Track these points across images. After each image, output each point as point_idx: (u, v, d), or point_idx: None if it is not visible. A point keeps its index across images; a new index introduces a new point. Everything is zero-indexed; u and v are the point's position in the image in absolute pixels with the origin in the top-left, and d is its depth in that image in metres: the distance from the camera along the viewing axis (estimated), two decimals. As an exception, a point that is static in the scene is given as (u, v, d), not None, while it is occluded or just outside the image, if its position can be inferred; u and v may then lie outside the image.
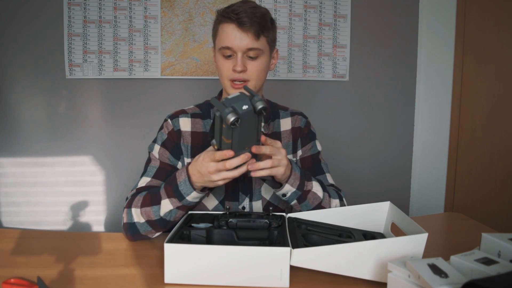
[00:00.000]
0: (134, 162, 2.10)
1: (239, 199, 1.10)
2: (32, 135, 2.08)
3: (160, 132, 1.12)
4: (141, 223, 0.97)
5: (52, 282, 0.77)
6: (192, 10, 2.07)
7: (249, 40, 1.01)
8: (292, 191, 0.98)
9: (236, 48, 1.02)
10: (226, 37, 1.02)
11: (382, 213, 0.97)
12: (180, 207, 0.94)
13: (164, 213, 0.95)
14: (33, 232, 1.09)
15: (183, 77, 2.10)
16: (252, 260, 0.76)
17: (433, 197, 2.25)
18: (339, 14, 2.13)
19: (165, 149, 1.09)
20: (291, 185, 0.97)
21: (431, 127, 2.23)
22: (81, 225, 2.13)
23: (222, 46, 1.03)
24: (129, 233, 0.99)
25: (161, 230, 0.99)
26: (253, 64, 1.04)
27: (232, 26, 1.01)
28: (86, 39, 2.05)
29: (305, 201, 1.00)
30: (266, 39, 1.05)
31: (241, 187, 1.10)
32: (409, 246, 0.76)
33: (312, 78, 2.15)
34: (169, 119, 1.12)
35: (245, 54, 1.03)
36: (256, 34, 1.01)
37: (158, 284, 0.78)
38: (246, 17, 0.99)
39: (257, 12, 1.02)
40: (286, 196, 0.99)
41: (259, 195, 1.11)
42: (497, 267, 0.65)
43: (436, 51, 2.17)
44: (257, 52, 1.03)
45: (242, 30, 1.00)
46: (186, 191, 0.92)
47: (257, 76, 1.05)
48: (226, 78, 1.05)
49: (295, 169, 0.98)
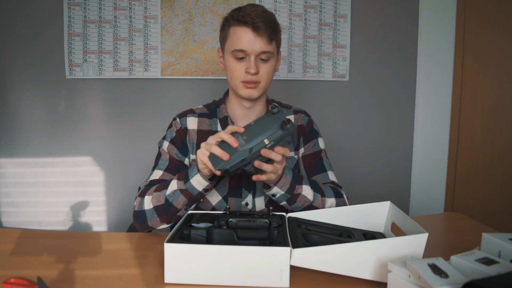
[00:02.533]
0: (135, 162, 2.11)
1: (242, 195, 1.13)
2: (32, 135, 2.08)
3: (169, 130, 1.17)
4: (149, 209, 1.01)
5: (52, 282, 0.77)
6: (192, 10, 2.07)
7: (263, 44, 1.04)
8: (281, 193, 1.01)
9: (250, 51, 1.05)
10: (239, 40, 1.05)
11: (382, 213, 0.97)
12: (183, 191, 0.97)
13: (169, 193, 0.98)
14: (33, 232, 1.09)
15: (183, 77, 2.10)
16: (252, 260, 0.76)
17: (433, 197, 2.25)
18: (339, 14, 2.13)
19: (173, 146, 1.14)
20: (280, 188, 1.00)
21: (431, 127, 2.23)
22: (81, 226, 2.13)
23: (236, 49, 1.05)
24: (137, 221, 1.03)
25: (165, 218, 1.01)
26: (265, 66, 1.08)
27: (246, 29, 1.04)
28: (86, 39, 2.05)
29: (294, 203, 1.04)
30: (276, 43, 1.09)
31: (244, 183, 1.13)
32: (409, 246, 0.76)
33: (312, 78, 2.15)
34: (178, 117, 1.18)
35: (258, 56, 1.06)
36: (269, 38, 1.05)
37: (158, 284, 0.78)
38: (261, 22, 1.03)
39: (268, 17, 1.06)
40: (275, 196, 1.03)
41: (262, 191, 1.14)
42: (497, 267, 0.65)
43: (436, 51, 2.17)
44: (269, 55, 1.07)
45: (257, 34, 1.03)
46: (192, 173, 0.96)
47: (267, 78, 1.09)
48: (238, 79, 1.09)
49: (287, 173, 1.01)
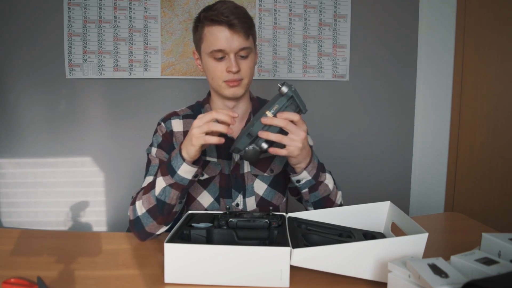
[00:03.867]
0: (135, 162, 2.11)
1: (232, 196, 1.12)
2: (32, 135, 2.08)
3: (155, 135, 1.14)
4: (143, 214, 0.97)
5: (52, 282, 0.77)
6: (192, 10, 2.07)
7: (241, 40, 1.02)
8: (308, 179, 1.00)
9: (228, 50, 1.02)
10: (216, 40, 1.02)
11: (383, 213, 0.97)
12: (173, 185, 0.94)
13: (159, 192, 0.95)
14: (33, 232, 1.09)
15: (183, 77, 2.10)
16: (252, 260, 0.76)
17: (433, 197, 2.25)
18: (339, 14, 2.13)
19: (161, 150, 1.11)
20: (308, 172, 0.99)
21: (431, 127, 2.23)
22: (81, 226, 2.13)
23: (214, 49, 1.03)
24: (135, 229, 1.00)
25: (162, 219, 0.97)
26: (245, 62, 1.06)
27: (222, 28, 1.01)
28: (86, 39, 2.05)
29: (316, 191, 1.02)
30: (252, 37, 1.07)
31: (234, 184, 1.12)
32: (409, 246, 0.76)
33: (312, 78, 2.15)
34: (162, 122, 1.16)
35: (237, 54, 1.04)
36: (246, 34, 1.03)
37: (158, 284, 0.78)
38: (235, 18, 1.00)
39: (242, 12, 1.04)
40: (300, 182, 1.01)
41: (252, 191, 1.13)
42: (497, 267, 0.65)
43: (436, 51, 2.17)
44: (248, 50, 1.05)
45: (233, 31, 1.01)
46: (176, 163, 0.93)
47: (249, 73, 1.08)
48: (220, 79, 1.06)
49: (314, 158, 1.00)
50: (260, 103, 1.21)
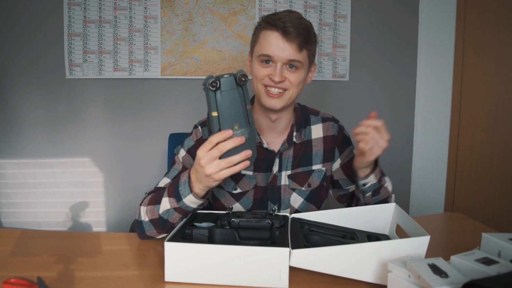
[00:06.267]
0: (134, 162, 2.11)
1: (267, 208, 1.10)
2: (32, 135, 2.08)
3: (188, 138, 1.10)
4: (146, 221, 0.96)
5: (52, 282, 0.77)
6: (192, 10, 2.06)
7: (292, 51, 0.97)
8: (373, 182, 1.00)
9: (277, 58, 0.98)
10: (267, 44, 0.98)
11: (388, 215, 0.96)
12: (177, 209, 0.91)
13: (163, 211, 0.93)
14: (33, 232, 1.09)
15: (183, 77, 2.10)
16: (252, 260, 0.75)
17: (433, 197, 2.25)
18: (339, 14, 2.13)
19: (189, 156, 1.07)
20: (375, 176, 0.99)
21: (431, 127, 2.22)
22: (81, 226, 2.13)
23: (262, 53, 0.99)
24: (138, 231, 0.99)
25: (161, 231, 0.97)
26: (292, 75, 1.00)
27: (276, 34, 0.97)
28: (86, 39, 2.05)
29: (378, 195, 1.03)
30: (307, 53, 1.01)
31: (270, 196, 1.10)
32: (411, 248, 0.75)
33: (312, 78, 2.14)
34: (199, 126, 1.10)
35: (285, 64, 0.99)
36: (300, 46, 0.98)
37: (158, 284, 0.78)
38: (292, 27, 0.96)
39: (303, 24, 0.99)
40: (365, 185, 1.01)
41: (288, 204, 1.11)
42: (497, 267, 0.65)
43: (436, 50, 2.17)
44: (298, 64, 1.00)
45: (286, 39, 0.96)
46: (184, 192, 0.89)
47: (296, 86, 1.01)
48: (260, 81, 1.01)
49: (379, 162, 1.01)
50: (301, 111, 1.14)
